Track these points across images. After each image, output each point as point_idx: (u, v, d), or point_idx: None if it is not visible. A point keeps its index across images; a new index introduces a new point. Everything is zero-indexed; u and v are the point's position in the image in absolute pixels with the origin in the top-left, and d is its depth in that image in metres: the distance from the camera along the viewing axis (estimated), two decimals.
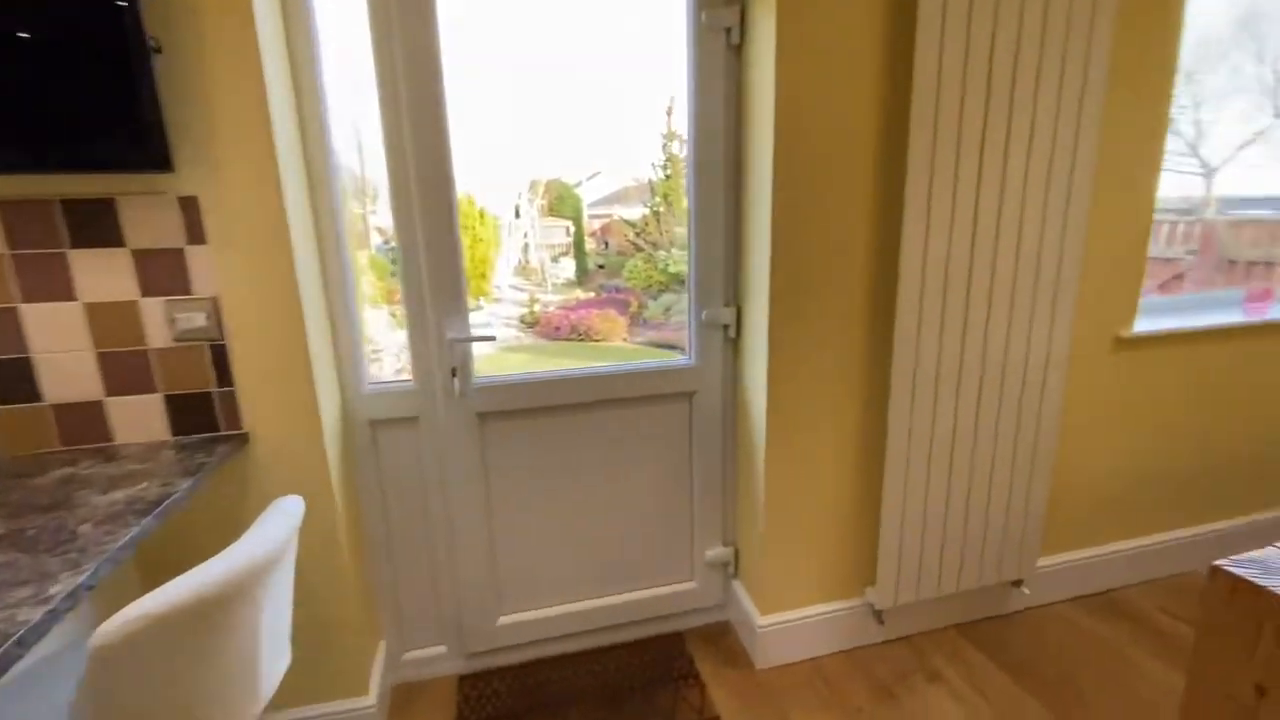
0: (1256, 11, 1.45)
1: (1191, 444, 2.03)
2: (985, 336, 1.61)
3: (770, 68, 1.41)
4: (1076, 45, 1.48)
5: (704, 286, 1.70)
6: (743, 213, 1.64)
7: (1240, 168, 2.86)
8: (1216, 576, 0.92)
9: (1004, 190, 1.53)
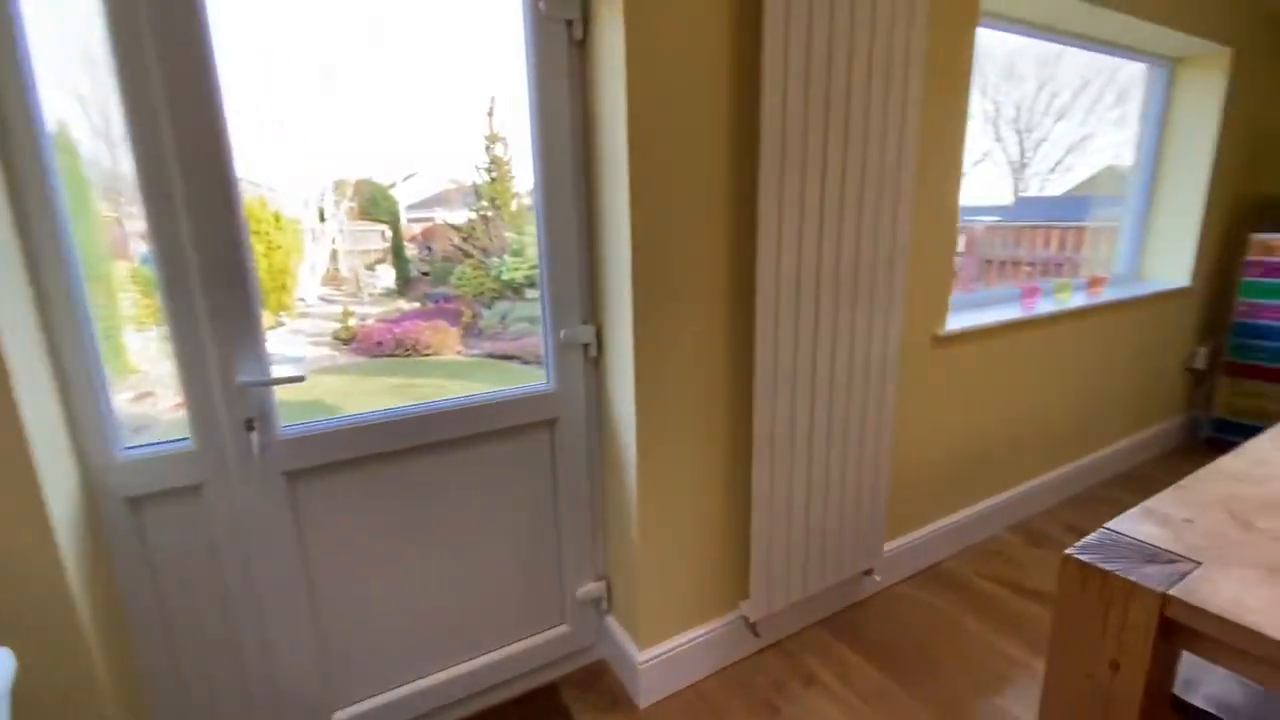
0: (980, 51, 1.77)
1: (994, 423, 2.32)
2: (834, 340, 1.67)
3: (620, 69, 1.30)
4: (896, 74, 1.59)
5: (559, 304, 1.55)
6: (597, 225, 1.51)
7: (974, 181, 3.34)
8: (1067, 564, 0.98)
9: (843, 206, 1.59)
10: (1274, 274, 2.90)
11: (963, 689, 1.69)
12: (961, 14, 1.81)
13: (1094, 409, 2.75)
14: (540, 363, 1.61)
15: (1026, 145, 7.96)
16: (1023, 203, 6.92)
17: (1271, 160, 3.04)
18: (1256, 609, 0.83)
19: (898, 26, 1.56)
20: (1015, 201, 6.99)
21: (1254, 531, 1.02)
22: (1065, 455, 2.69)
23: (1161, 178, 3.00)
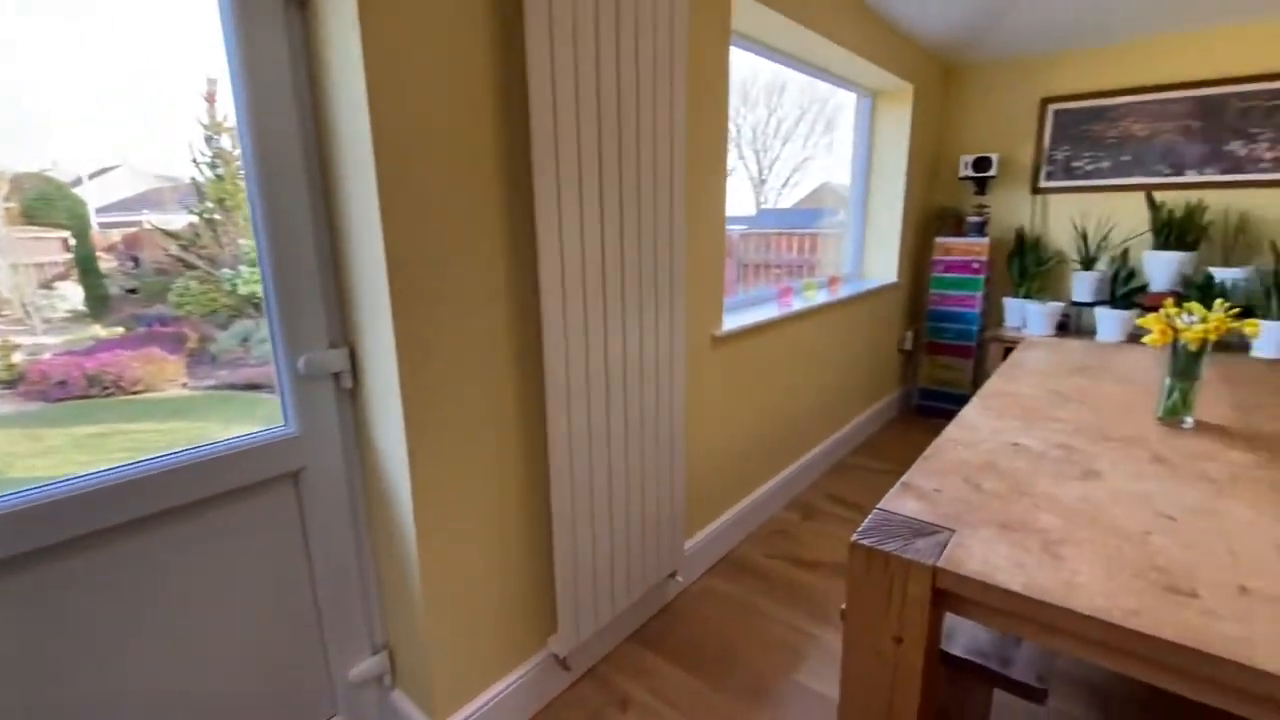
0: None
1: (766, 411, 2.51)
2: (624, 345, 1.62)
3: (353, 35, 1.07)
4: (662, 80, 1.59)
5: (294, 325, 1.25)
6: (340, 228, 1.25)
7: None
8: (855, 551, 1.02)
9: (622, 210, 1.54)
10: (951, 270, 3.63)
11: (766, 673, 1.76)
12: (716, 32, 1.89)
13: (840, 389, 3.16)
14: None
15: (763, 163, 8.95)
16: (764, 213, 7.87)
17: (943, 177, 3.82)
18: (999, 566, 0.93)
19: (660, 38, 1.56)
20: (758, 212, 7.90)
21: (983, 493, 1.17)
22: (822, 433, 3.04)
23: (871, 191, 3.57)
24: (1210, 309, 1.45)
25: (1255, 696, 0.73)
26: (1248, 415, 1.58)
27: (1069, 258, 3.44)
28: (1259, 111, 2.87)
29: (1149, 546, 0.97)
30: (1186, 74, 3.00)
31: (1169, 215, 3.02)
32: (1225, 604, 0.83)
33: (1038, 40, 3.25)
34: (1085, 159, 3.34)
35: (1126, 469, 1.26)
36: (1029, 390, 1.81)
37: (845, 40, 2.57)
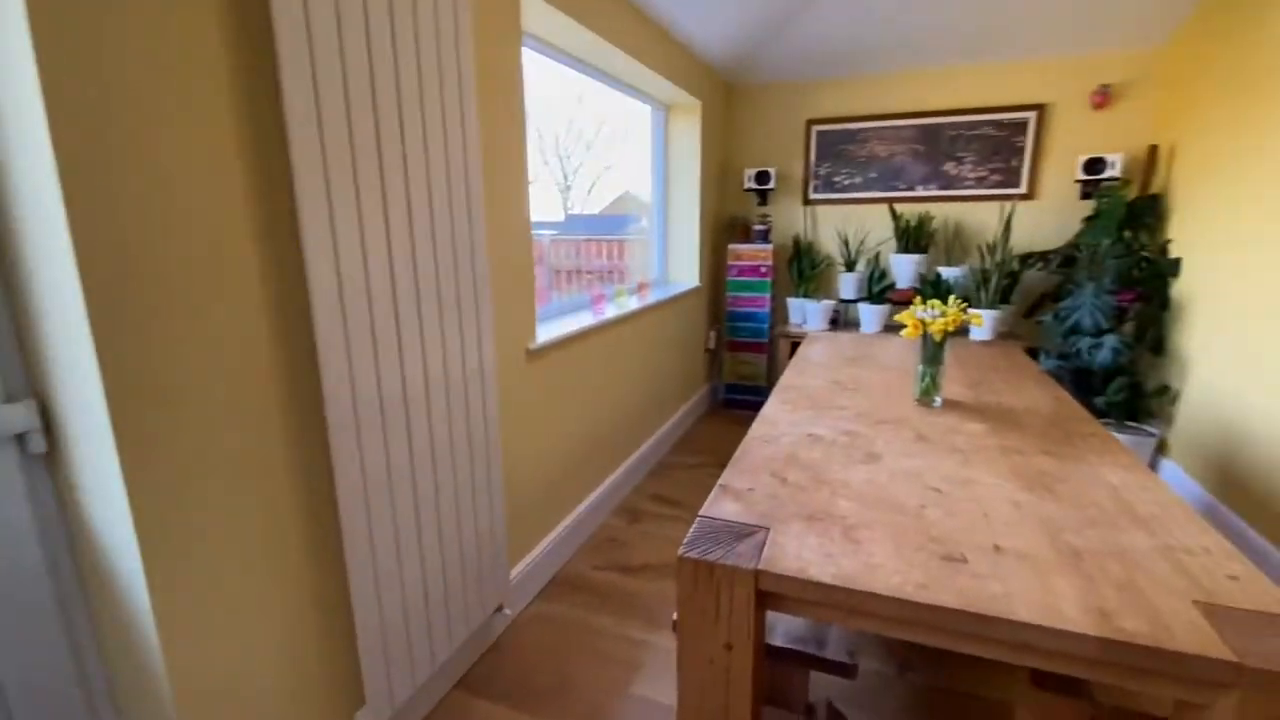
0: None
1: (588, 421, 2.47)
2: (424, 364, 1.46)
3: None
4: (450, 83, 1.45)
5: None
6: (4, 230, 0.93)
7: (532, 198, 3.73)
8: (683, 564, 1.01)
9: (412, 218, 1.38)
10: (743, 274, 3.95)
11: (602, 694, 1.71)
12: (506, 30, 1.79)
13: (655, 391, 3.26)
14: None
15: (568, 170, 9.04)
16: (572, 219, 7.94)
17: (731, 187, 4.14)
18: (811, 560, 0.97)
19: (443, 33, 1.43)
20: (566, 218, 7.95)
21: (789, 486, 1.23)
22: (642, 434, 3.10)
23: (670, 200, 3.74)
24: (943, 303, 1.72)
25: (1016, 645, 0.84)
26: (977, 391, 1.90)
27: (836, 261, 3.94)
28: (963, 139, 3.55)
29: (925, 520, 1.09)
30: (912, 106, 3.61)
31: (906, 224, 3.60)
32: (987, 565, 0.95)
33: (801, 68, 3.67)
34: (843, 174, 3.85)
35: (898, 448, 1.42)
36: (815, 382, 2.00)
37: (638, 53, 2.64)
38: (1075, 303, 2.96)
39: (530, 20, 2.06)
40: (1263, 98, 2.34)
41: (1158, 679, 0.80)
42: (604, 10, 2.32)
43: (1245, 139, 2.44)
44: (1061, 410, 1.70)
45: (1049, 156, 3.40)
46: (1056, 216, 3.43)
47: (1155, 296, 2.87)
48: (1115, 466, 1.30)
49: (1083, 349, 2.90)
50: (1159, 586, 0.89)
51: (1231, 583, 0.90)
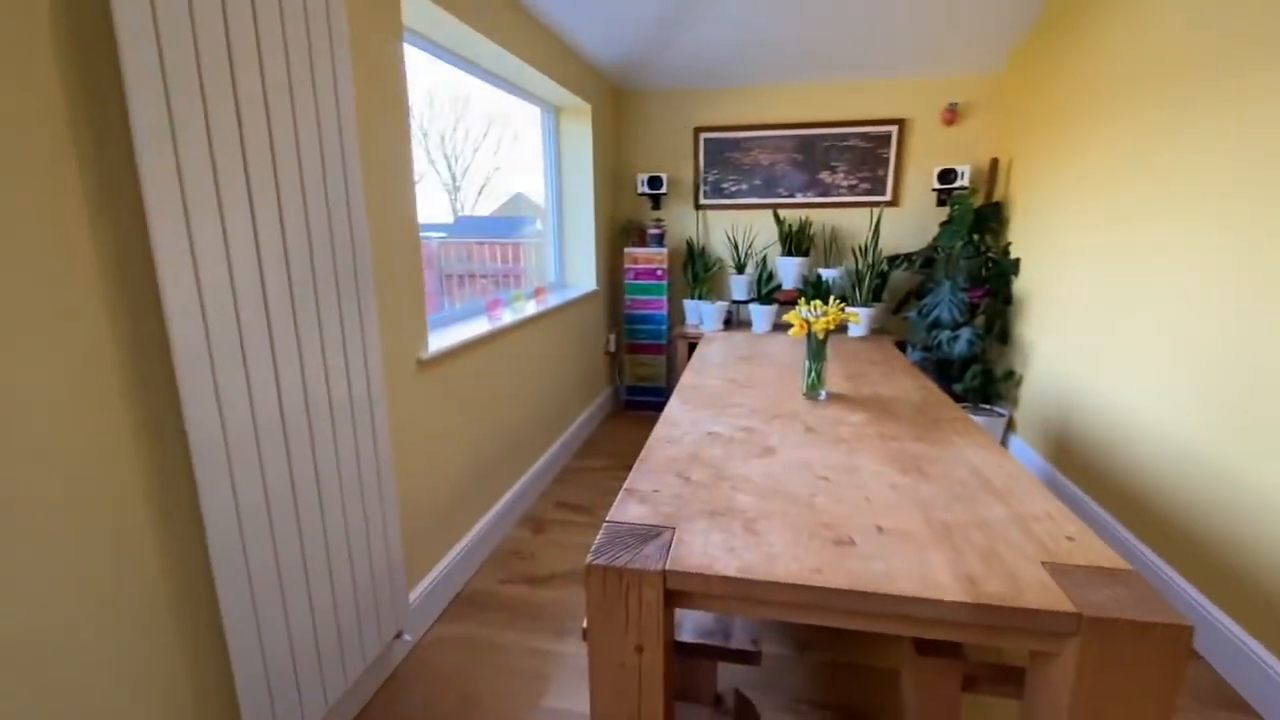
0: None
1: (488, 431, 2.40)
2: (304, 380, 1.35)
3: None
4: (323, 78, 1.35)
5: None
6: None
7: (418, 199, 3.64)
8: (590, 573, 1.00)
9: (284, 222, 1.27)
10: (640, 277, 4.01)
11: (512, 711, 1.66)
12: (386, 24, 1.70)
13: (557, 396, 3.22)
14: None
15: (456, 170, 8.82)
16: (463, 220, 7.69)
17: (625, 192, 4.18)
18: (716, 556, 1.00)
19: (315, 25, 1.33)
20: (456, 220, 7.69)
21: (693, 484, 1.27)
22: (545, 441, 3.06)
23: (564, 203, 3.72)
24: (824, 303, 1.84)
25: (899, 617, 0.92)
26: (856, 383, 2.04)
27: (727, 264, 4.10)
28: (835, 150, 3.82)
29: (816, 507, 1.16)
30: (790, 118, 3.83)
31: (789, 229, 3.82)
32: (871, 545, 1.02)
33: (688, 77, 3.78)
34: (730, 181, 4.01)
35: (791, 441, 1.50)
36: (713, 381, 2.07)
37: (525, 54, 2.60)
38: (935, 299, 3.27)
39: (411, 15, 1.96)
40: (1071, 121, 2.72)
41: (1016, 634, 0.90)
42: (489, 9, 2.27)
43: (1060, 155, 2.82)
44: (928, 398, 1.87)
45: (909, 167, 3.74)
46: (918, 221, 3.78)
47: (1000, 292, 3.24)
48: (975, 446, 1.45)
49: (943, 341, 3.21)
50: (1014, 551, 1.00)
51: (1070, 543, 1.03)
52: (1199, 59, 1.96)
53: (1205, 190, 1.92)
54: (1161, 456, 2.06)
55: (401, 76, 1.78)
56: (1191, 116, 2.00)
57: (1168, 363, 2.05)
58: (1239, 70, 1.80)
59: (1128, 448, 2.25)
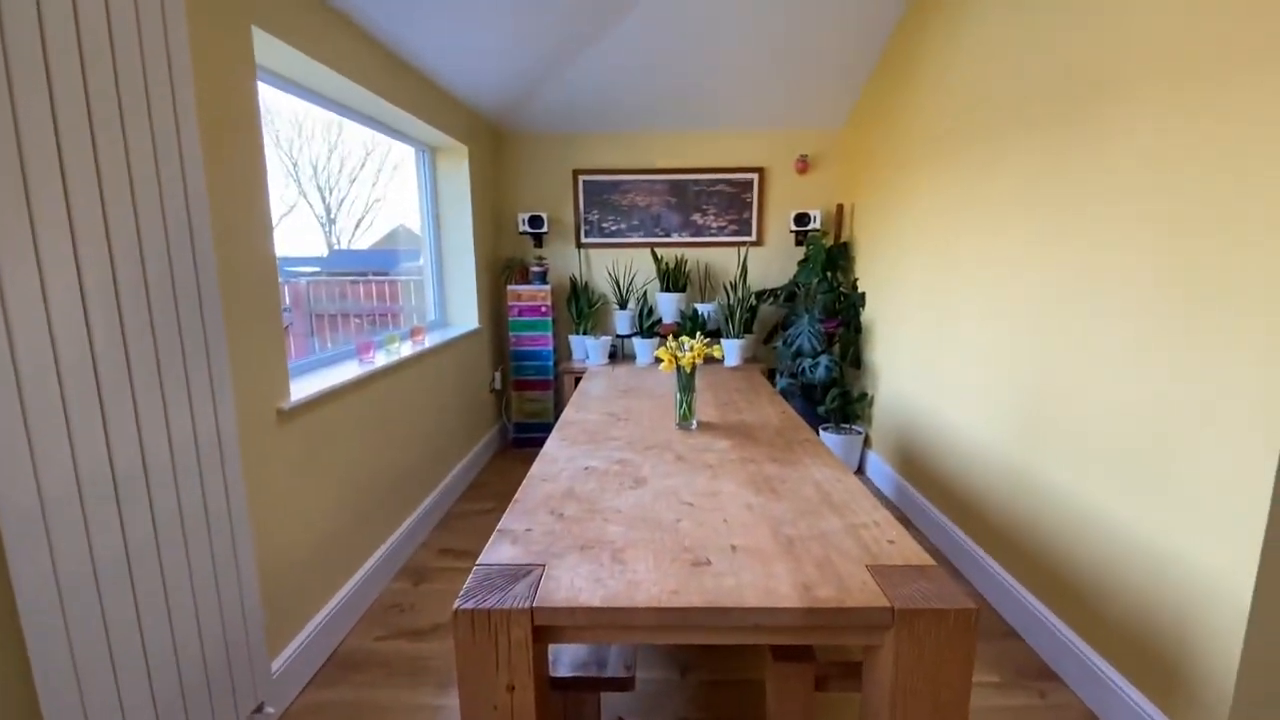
0: (268, 106, 1.79)
1: (361, 480, 2.29)
2: (140, 438, 1.25)
3: None
4: (162, 121, 1.29)
5: None
6: None
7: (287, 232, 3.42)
8: (458, 618, 1.01)
9: (115, 266, 1.19)
10: (524, 313, 4.03)
11: None
12: (238, 65, 1.65)
13: (438, 439, 3.14)
14: None
15: (331, 202, 8.33)
16: (337, 254, 7.31)
17: (506, 230, 4.21)
18: (582, 588, 1.05)
19: (152, 65, 1.28)
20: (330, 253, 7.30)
21: (565, 520, 1.31)
22: (426, 487, 2.96)
23: (444, 241, 3.69)
24: (701, 334, 1.98)
25: (749, 628, 1.01)
26: (724, 411, 2.20)
27: (610, 300, 4.23)
28: (706, 193, 4.10)
29: (679, 532, 1.25)
30: (665, 163, 4.07)
31: (667, 266, 4.02)
32: (725, 563, 1.12)
33: (565, 121, 3.92)
34: (610, 221, 4.17)
35: (661, 470, 1.60)
36: (593, 416, 2.14)
37: (395, 98, 2.59)
38: (797, 330, 3.58)
39: (266, 55, 1.91)
40: (896, 172, 3.14)
41: (846, 632, 1.02)
42: (354, 54, 2.25)
43: (889, 200, 3.23)
44: (786, 423, 2.05)
45: (770, 210, 4.10)
46: (780, 259, 4.13)
47: (852, 323, 3.60)
48: (821, 465, 1.62)
49: (806, 368, 3.51)
50: (844, 558, 1.14)
51: (890, 546, 1.19)
52: (979, 126, 2.37)
53: (1001, 237, 2.30)
54: (979, 463, 2.39)
55: (255, 116, 1.73)
56: (989, 174, 2.39)
57: (979, 383, 2.40)
58: (1013, 133, 2.19)
59: (954, 458, 2.58)
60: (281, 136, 3.12)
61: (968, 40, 2.47)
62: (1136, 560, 1.62)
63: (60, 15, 1.08)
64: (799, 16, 3.01)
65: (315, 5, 2.01)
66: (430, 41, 2.59)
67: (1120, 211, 1.68)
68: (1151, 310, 1.57)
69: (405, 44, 2.52)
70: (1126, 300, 1.65)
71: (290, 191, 5.37)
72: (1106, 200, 1.73)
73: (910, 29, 2.98)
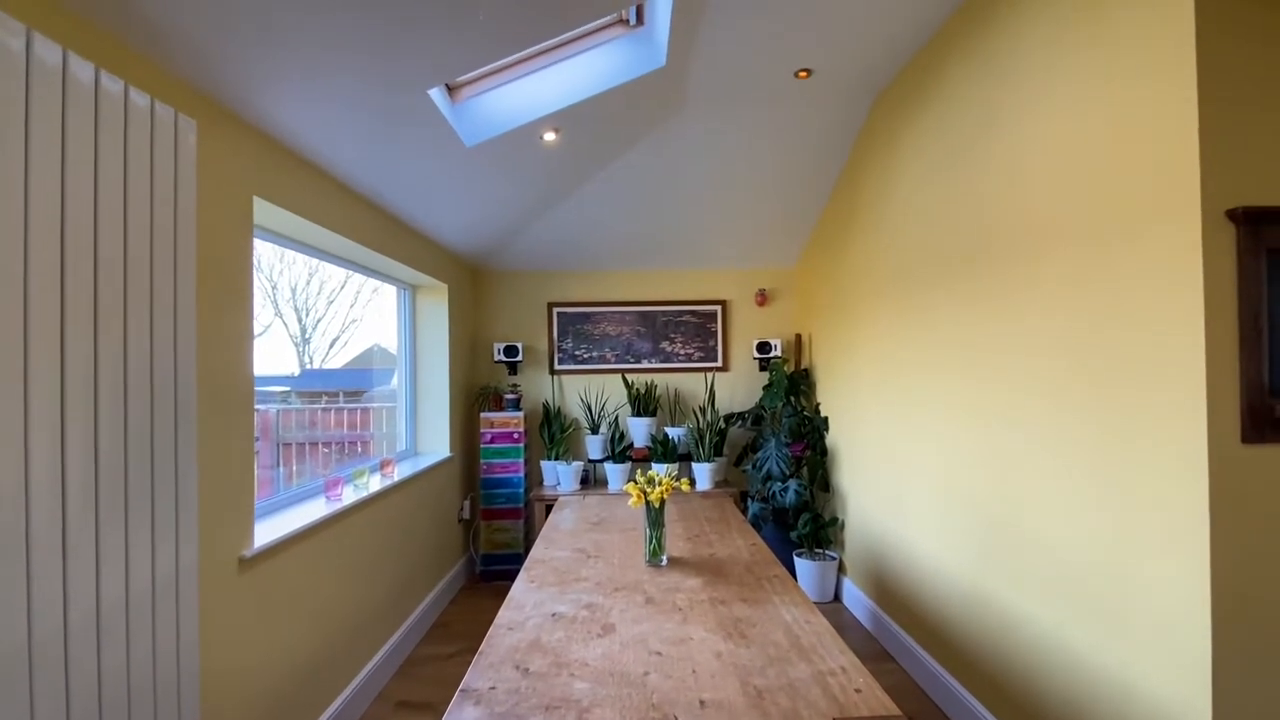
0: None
1: (322, 625, 2.18)
2: (97, 586, 1.21)
3: None
4: (162, 282, 1.40)
5: None
6: None
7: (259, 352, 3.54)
8: None
9: (99, 409, 1.23)
10: (496, 440, 4.05)
11: None
12: (239, 226, 1.80)
13: (404, 574, 3.03)
14: None
15: (307, 322, 8.49)
16: (309, 374, 7.28)
17: (481, 358, 4.34)
18: None
19: (159, 220, 1.41)
20: (302, 372, 7.26)
21: (530, 676, 1.29)
22: (388, 629, 2.81)
23: (419, 371, 3.78)
24: (673, 458, 2.03)
25: None
26: (695, 545, 2.20)
27: (582, 424, 4.30)
28: (673, 323, 4.34)
29: (647, 687, 1.23)
30: (633, 296, 4.33)
31: (637, 392, 4.15)
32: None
33: (540, 261, 4.20)
34: (583, 349, 4.34)
35: (630, 615, 1.58)
36: (561, 554, 2.12)
37: (379, 245, 2.79)
38: (765, 454, 3.66)
39: (264, 216, 2.08)
40: (843, 309, 3.40)
41: None
42: (342, 211, 2.45)
43: (839, 331, 3.47)
44: (756, 556, 2.06)
45: (734, 338, 4.33)
46: (746, 384, 4.30)
47: (816, 446, 3.71)
48: (790, 605, 1.63)
49: (776, 492, 3.55)
50: (812, 710, 1.13)
51: (857, 695, 1.19)
52: (913, 271, 2.63)
53: (940, 372, 2.47)
54: (946, 592, 2.39)
55: (248, 274, 1.85)
56: (924, 315, 2.61)
57: (938, 510, 2.47)
58: (941, 279, 2.43)
59: (923, 586, 2.58)
60: (263, 262, 3.27)
61: (899, 194, 2.80)
62: (1102, 691, 1.62)
63: (82, 185, 1.20)
64: (754, 168, 3.38)
65: (311, 172, 2.22)
66: (413, 196, 2.83)
67: (1032, 357, 1.86)
68: (1073, 443, 1.70)
69: (392, 204, 2.76)
70: (1050, 435, 1.78)
71: (266, 313, 5.43)
72: (1020, 345, 1.92)
73: (851, 178, 3.37)
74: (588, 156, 3.10)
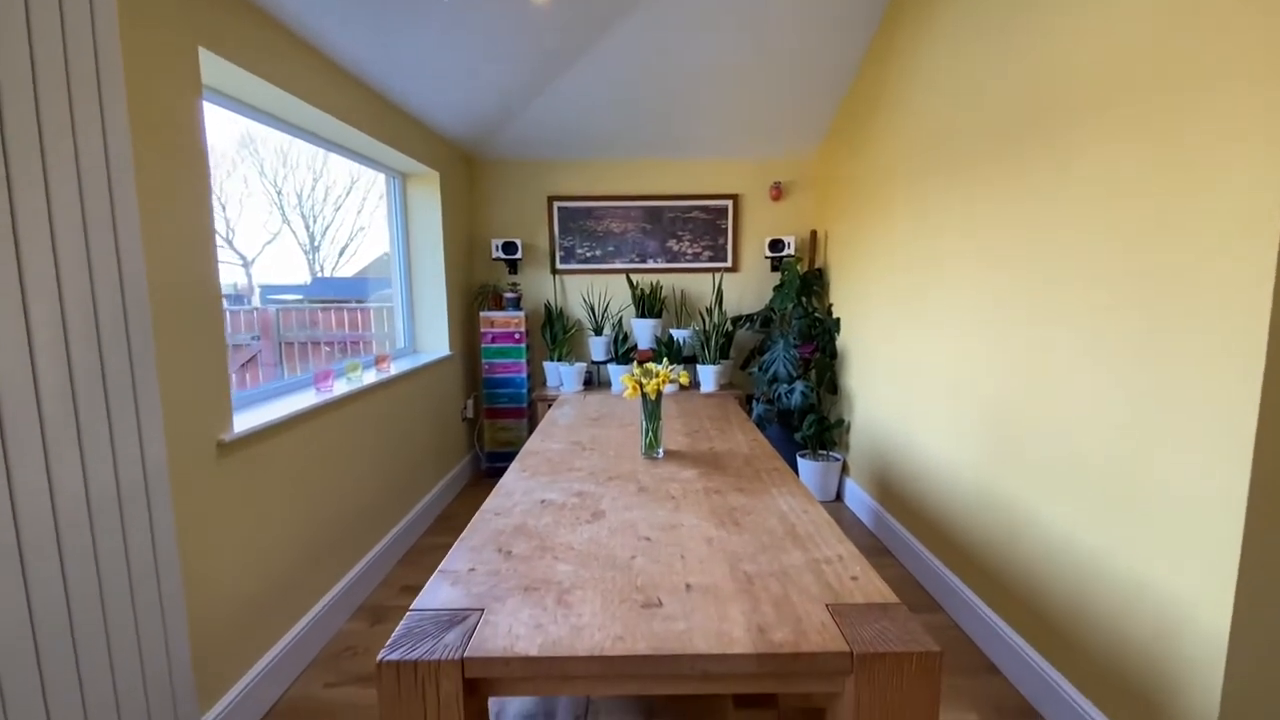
0: (252, 134, 1.72)
1: (314, 515, 2.18)
2: (49, 487, 1.15)
3: None
4: (89, 138, 1.24)
5: None
6: None
7: (269, 260, 3.36)
8: (382, 670, 0.93)
9: (24, 281, 1.12)
10: (497, 340, 3.96)
11: None
12: (180, 82, 1.60)
13: (405, 469, 3.03)
14: None
15: (315, 230, 8.33)
16: (320, 282, 7.21)
17: (479, 256, 4.17)
18: (520, 635, 0.97)
19: (79, 83, 1.22)
20: (313, 280, 7.23)
21: (513, 559, 1.23)
22: (390, 520, 2.84)
23: (414, 268, 3.63)
24: (678, 360, 1.92)
25: (698, 676, 0.93)
26: (694, 439, 2.13)
27: (585, 326, 4.18)
28: (681, 220, 4.10)
29: (633, 570, 1.17)
30: (638, 190, 4.07)
31: (642, 292, 3.99)
32: (677, 605, 1.05)
33: (538, 148, 3.92)
34: (585, 247, 4.15)
35: (621, 502, 1.52)
36: (556, 446, 2.06)
37: (359, 122, 2.56)
38: (772, 356, 3.54)
39: (213, 75, 1.87)
40: (865, 198, 3.15)
41: (803, 679, 0.95)
42: (313, 78, 2.22)
43: (859, 227, 3.24)
44: (755, 450, 1.99)
45: (745, 236, 4.10)
46: (756, 285, 4.12)
47: (827, 348, 3.58)
48: (787, 495, 1.56)
49: (782, 394, 3.47)
50: (804, 596, 1.07)
51: (853, 582, 1.12)
52: (944, 151, 2.38)
53: (969, 259, 2.28)
54: (952, 489, 2.34)
55: (198, 136, 1.67)
56: (953, 200, 2.39)
57: (949, 408, 2.36)
58: (976, 157, 2.19)
59: (929, 484, 2.53)
60: (266, 166, 3.07)
61: (929, 66, 2.50)
62: (1110, 588, 1.56)
63: None
64: (771, 43, 3.04)
65: (273, 28, 1.97)
66: (399, 68, 2.56)
67: (1079, 230, 1.67)
68: (1110, 329, 1.55)
69: (372, 72, 2.50)
70: (1085, 319, 1.63)
71: (274, 220, 5.29)
72: (1067, 218, 1.72)
73: (879, 54, 3.02)
74: (584, 21, 2.77)
